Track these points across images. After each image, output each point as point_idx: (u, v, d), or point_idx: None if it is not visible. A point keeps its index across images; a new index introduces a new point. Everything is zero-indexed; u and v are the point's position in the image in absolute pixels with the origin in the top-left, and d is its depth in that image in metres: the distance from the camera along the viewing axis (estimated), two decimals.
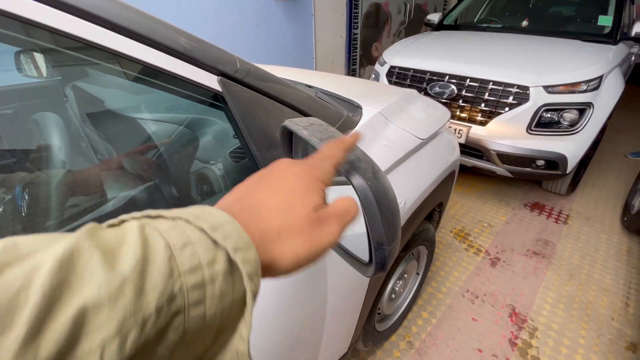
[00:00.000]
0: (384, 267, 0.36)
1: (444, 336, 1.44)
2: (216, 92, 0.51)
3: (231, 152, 0.68)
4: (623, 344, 1.41)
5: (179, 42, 0.46)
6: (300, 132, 0.43)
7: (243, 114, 0.53)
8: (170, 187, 0.64)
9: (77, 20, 0.37)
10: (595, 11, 2.59)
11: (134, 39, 0.41)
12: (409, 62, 2.36)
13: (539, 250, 1.93)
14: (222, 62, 0.51)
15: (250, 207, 0.23)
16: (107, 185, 0.57)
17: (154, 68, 0.44)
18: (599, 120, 1.96)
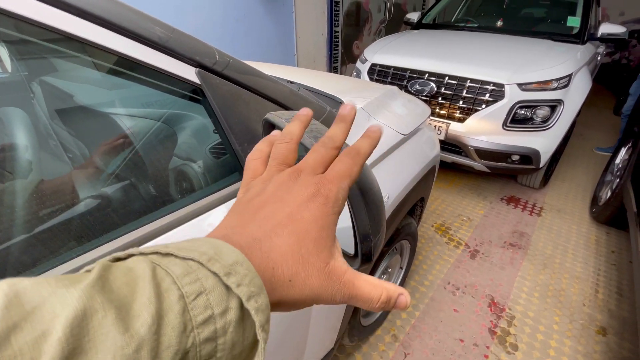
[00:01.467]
0: (369, 259, 0.36)
1: (427, 328, 1.47)
2: (194, 85, 0.49)
3: (211, 148, 0.67)
4: (594, 329, 1.49)
5: (154, 31, 0.44)
6: (284, 125, 0.43)
7: (223, 108, 0.52)
8: (147, 185, 0.62)
9: (45, 7, 0.34)
10: (564, 13, 2.70)
11: (105, 27, 0.39)
12: (389, 59, 2.39)
13: (515, 241, 2.00)
14: (200, 54, 0.49)
15: (261, 243, 0.21)
16: (80, 185, 0.54)
17: (127, 59, 0.42)
18: (569, 117, 2.05)
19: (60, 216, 0.49)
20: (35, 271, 0.40)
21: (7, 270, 0.39)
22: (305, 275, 0.21)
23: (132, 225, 0.48)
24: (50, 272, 0.40)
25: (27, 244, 0.42)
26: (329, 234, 0.23)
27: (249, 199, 0.25)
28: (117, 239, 0.45)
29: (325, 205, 0.23)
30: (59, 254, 0.42)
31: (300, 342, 0.78)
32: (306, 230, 0.22)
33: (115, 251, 0.38)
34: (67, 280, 0.15)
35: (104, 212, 0.52)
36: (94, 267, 0.16)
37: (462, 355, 1.37)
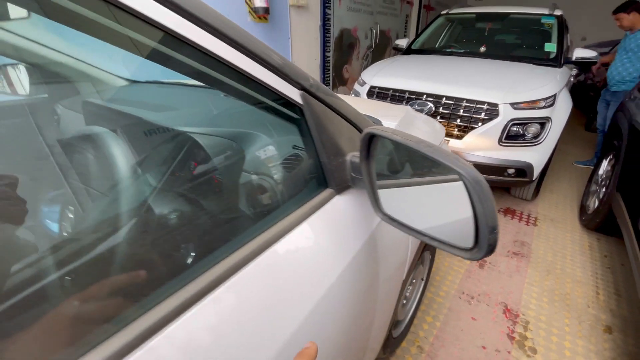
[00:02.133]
0: (493, 250, 0.42)
1: (450, 337, 1.51)
2: (297, 105, 0.55)
3: (283, 162, 0.72)
4: (601, 328, 1.58)
5: (274, 57, 0.50)
6: (392, 137, 0.49)
7: (317, 125, 0.58)
8: (224, 201, 0.65)
9: (214, 40, 0.40)
10: (541, 39, 2.99)
11: (244, 54, 0.45)
12: (388, 82, 2.53)
13: (517, 250, 2.11)
14: (302, 78, 0.55)
15: None
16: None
17: (253, 78, 0.48)
18: (556, 132, 2.24)
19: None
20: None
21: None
22: None
23: (223, 251, 0.46)
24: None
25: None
26: None
27: None
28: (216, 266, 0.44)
29: None
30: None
31: (360, 350, 0.81)
32: None
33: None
34: None
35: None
36: None
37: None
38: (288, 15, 3.44)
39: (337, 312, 0.58)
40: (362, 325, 0.72)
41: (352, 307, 0.63)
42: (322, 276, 0.54)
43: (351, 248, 0.62)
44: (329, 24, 4.06)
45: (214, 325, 0.38)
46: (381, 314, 0.83)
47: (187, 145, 0.66)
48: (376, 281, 0.73)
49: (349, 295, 0.62)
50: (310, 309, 0.50)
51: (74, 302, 0.39)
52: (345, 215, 0.64)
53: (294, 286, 0.49)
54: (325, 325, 0.54)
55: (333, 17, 4.11)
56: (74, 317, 0.33)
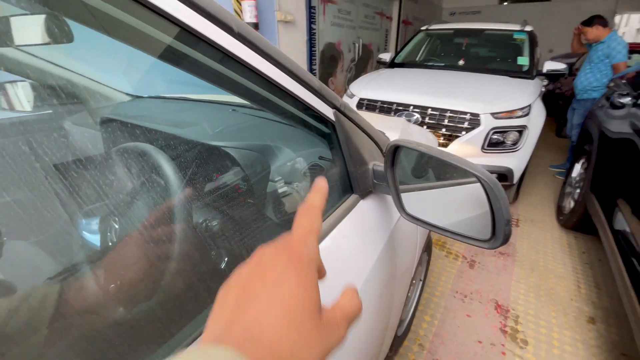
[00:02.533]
0: (508, 239, 0.50)
1: (448, 334, 1.60)
2: (331, 121, 0.63)
3: (309, 169, 0.79)
4: (584, 319, 1.71)
5: (314, 81, 0.57)
6: (417, 147, 0.57)
7: (346, 139, 0.66)
8: (255, 208, 0.72)
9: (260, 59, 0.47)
10: (514, 53, 3.22)
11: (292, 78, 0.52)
12: (376, 94, 2.66)
13: (503, 250, 2.24)
14: (334, 98, 0.63)
15: (253, 330, 0.20)
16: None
17: (299, 100, 0.55)
18: (533, 139, 2.42)
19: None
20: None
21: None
22: (307, 341, 0.20)
23: None
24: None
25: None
26: (313, 290, 0.23)
27: (233, 286, 0.24)
28: None
29: (301, 265, 0.23)
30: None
31: (376, 347, 0.87)
32: (291, 295, 0.22)
33: None
34: None
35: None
36: None
37: (483, 355, 1.50)
38: (276, 31, 3.55)
39: (368, 309, 0.65)
40: (383, 322, 0.78)
41: (377, 303, 0.70)
42: (354, 277, 0.61)
43: (377, 247, 0.69)
44: (314, 38, 4.20)
45: None
46: (396, 311, 0.90)
47: (223, 158, 0.72)
48: (394, 278, 0.80)
49: (376, 292, 0.69)
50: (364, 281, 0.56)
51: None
52: (370, 218, 0.71)
53: (332, 289, 0.56)
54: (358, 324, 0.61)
55: (318, 31, 4.26)
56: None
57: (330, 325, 0.23)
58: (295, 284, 0.22)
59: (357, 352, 0.64)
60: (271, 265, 0.24)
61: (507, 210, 0.49)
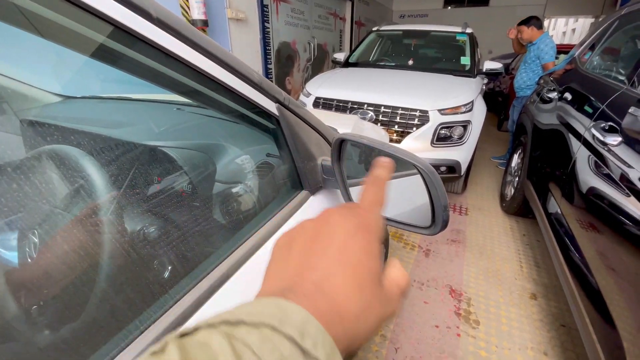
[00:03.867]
0: (446, 224, 0.53)
1: (408, 322, 1.66)
2: (274, 116, 0.62)
3: (260, 167, 0.77)
4: (527, 296, 1.87)
5: (254, 75, 0.56)
6: (360, 140, 0.58)
7: (292, 134, 0.65)
8: (195, 212, 0.68)
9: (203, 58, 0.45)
10: (457, 53, 3.44)
11: (230, 72, 0.51)
12: (331, 93, 2.70)
13: (455, 238, 2.38)
14: (277, 92, 0.62)
15: (322, 287, 0.20)
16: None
17: (239, 94, 0.53)
18: (476, 133, 2.60)
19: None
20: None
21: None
22: (369, 308, 0.21)
23: (206, 265, 0.49)
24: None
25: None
26: (377, 260, 0.23)
27: (295, 239, 0.24)
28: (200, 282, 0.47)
29: (369, 233, 0.24)
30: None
31: None
32: (358, 260, 0.22)
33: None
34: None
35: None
36: (166, 345, 0.15)
37: (440, 338, 1.58)
38: (227, 28, 3.45)
39: None
40: None
41: None
42: None
43: None
44: (268, 37, 4.15)
45: None
46: None
47: (163, 160, 0.68)
48: None
49: None
50: None
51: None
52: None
53: None
54: None
55: (272, 30, 4.22)
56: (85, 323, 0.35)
57: (388, 296, 0.23)
58: (363, 250, 0.22)
59: None
60: (340, 227, 0.23)
61: (444, 197, 0.51)
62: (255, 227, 0.59)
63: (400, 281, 0.25)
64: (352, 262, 0.22)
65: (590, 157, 1.45)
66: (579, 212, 1.47)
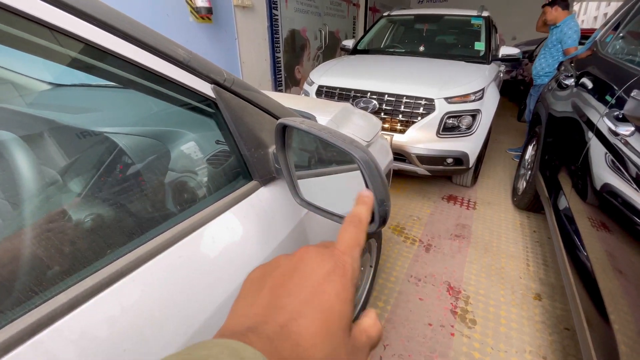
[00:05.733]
0: (385, 221, 0.46)
1: (400, 319, 1.60)
2: (210, 99, 0.57)
3: (209, 158, 0.72)
4: (531, 296, 1.77)
5: (178, 52, 0.51)
6: (299, 125, 0.52)
7: (233, 118, 0.60)
8: (144, 203, 0.65)
9: (106, 35, 0.41)
10: (472, 38, 3.25)
11: (140, 47, 0.46)
12: (335, 81, 2.61)
13: (459, 233, 2.28)
14: (214, 72, 0.57)
15: (289, 329, 0.19)
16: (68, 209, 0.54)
17: (159, 75, 0.49)
18: (486, 123, 2.45)
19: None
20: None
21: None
22: (335, 357, 0.20)
23: (128, 247, 0.45)
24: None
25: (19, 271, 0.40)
26: (350, 307, 0.22)
27: (269, 274, 0.23)
28: (112, 263, 0.43)
29: (344, 277, 0.22)
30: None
31: None
32: (331, 305, 0.21)
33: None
34: None
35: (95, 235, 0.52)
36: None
37: (432, 337, 1.52)
38: (233, 16, 3.41)
39: None
40: None
41: None
42: (244, 263, 0.56)
43: (276, 237, 0.64)
44: (277, 24, 4.08)
45: (114, 316, 0.39)
46: None
47: (94, 144, 0.64)
48: None
49: None
50: (227, 297, 0.51)
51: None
52: (272, 205, 0.66)
53: (209, 275, 0.51)
54: None
55: (281, 18, 4.13)
56: None
57: (357, 346, 0.22)
58: (337, 294, 0.21)
59: None
60: (316, 268, 0.23)
61: (382, 189, 0.45)
62: (187, 215, 0.55)
63: (372, 332, 0.24)
64: (323, 306, 0.21)
65: (602, 149, 1.32)
66: (586, 208, 1.35)
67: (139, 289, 0.42)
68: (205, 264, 0.51)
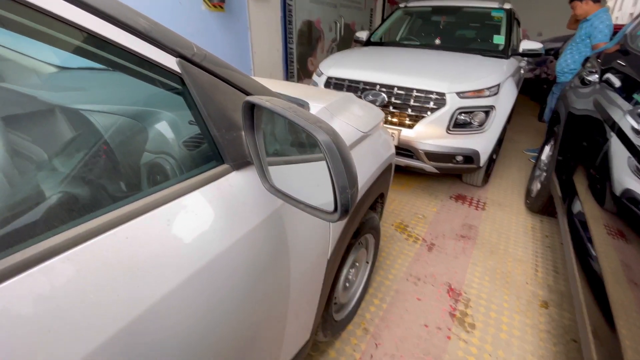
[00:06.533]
0: (347, 211, 0.42)
1: (395, 318, 1.55)
2: (175, 73, 0.53)
3: (186, 141, 0.69)
4: (537, 303, 1.68)
5: (138, 21, 0.48)
6: (263, 103, 0.48)
7: (202, 96, 0.56)
8: (116, 183, 0.62)
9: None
10: (492, 32, 3.10)
11: (96, 15, 0.42)
12: (344, 73, 2.54)
13: (465, 233, 2.19)
14: (180, 45, 0.53)
15: None
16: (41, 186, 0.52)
17: (116, 45, 0.45)
18: (500, 120, 2.34)
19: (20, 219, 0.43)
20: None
21: None
22: None
23: (69, 224, 0.42)
24: None
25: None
26: None
27: None
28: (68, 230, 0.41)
29: None
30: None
31: (276, 338, 0.80)
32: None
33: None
34: None
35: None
36: None
37: (427, 339, 1.46)
38: (246, 5, 3.37)
39: (223, 289, 0.57)
40: (263, 304, 0.70)
41: (245, 284, 0.62)
42: (200, 249, 0.53)
43: (245, 224, 0.61)
44: (290, 15, 4.02)
45: (42, 295, 0.36)
46: (299, 295, 0.83)
47: (98, 129, 0.62)
48: (283, 260, 0.72)
49: (241, 272, 0.61)
50: (179, 283, 0.48)
51: None
52: (243, 192, 0.63)
53: (158, 259, 0.47)
54: (202, 303, 0.53)
55: (295, 8, 4.07)
56: None
57: None
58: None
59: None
60: None
61: (344, 175, 0.40)
62: (145, 195, 0.51)
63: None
64: None
65: (624, 150, 1.22)
66: (603, 214, 1.26)
67: (74, 269, 0.39)
68: (156, 246, 0.47)
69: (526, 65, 3.72)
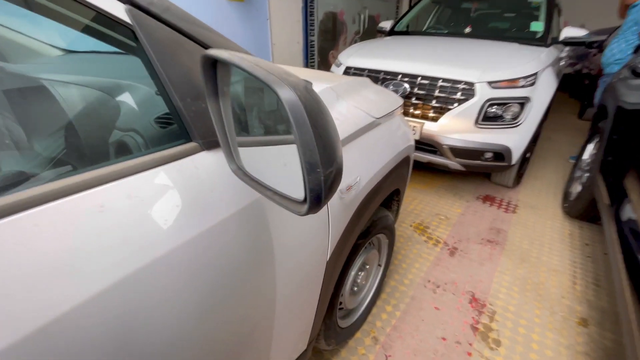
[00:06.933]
0: (319, 200, 0.30)
1: (409, 328, 1.40)
2: (124, 24, 0.43)
3: (158, 117, 0.59)
4: (575, 320, 1.47)
5: None
6: (221, 55, 0.37)
7: (161, 54, 0.45)
8: (81, 161, 0.53)
9: None
10: (529, 19, 2.83)
11: None
12: (363, 62, 2.40)
13: (492, 238, 1.99)
14: None
15: None
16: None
17: None
18: (537, 114, 2.11)
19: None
20: None
21: None
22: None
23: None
24: None
25: None
26: None
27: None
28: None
29: None
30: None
31: (264, 344, 0.69)
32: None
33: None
34: None
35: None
36: None
37: (445, 354, 1.30)
38: None
39: (185, 286, 0.46)
40: (235, 313, 0.59)
41: (216, 281, 0.51)
42: (157, 239, 0.42)
43: (214, 214, 0.50)
44: (312, 6, 3.91)
45: None
46: (289, 300, 0.71)
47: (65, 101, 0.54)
48: (264, 262, 0.61)
49: (211, 268, 0.50)
50: (127, 274, 0.38)
51: None
52: (213, 175, 0.52)
53: (105, 243, 0.37)
54: (155, 297, 0.42)
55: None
56: None
57: None
58: None
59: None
60: None
61: (314, 148, 0.28)
62: (103, 165, 0.42)
63: None
64: None
65: None
66: None
67: None
68: (68, 242, 0.37)
69: (567, 54, 3.39)
